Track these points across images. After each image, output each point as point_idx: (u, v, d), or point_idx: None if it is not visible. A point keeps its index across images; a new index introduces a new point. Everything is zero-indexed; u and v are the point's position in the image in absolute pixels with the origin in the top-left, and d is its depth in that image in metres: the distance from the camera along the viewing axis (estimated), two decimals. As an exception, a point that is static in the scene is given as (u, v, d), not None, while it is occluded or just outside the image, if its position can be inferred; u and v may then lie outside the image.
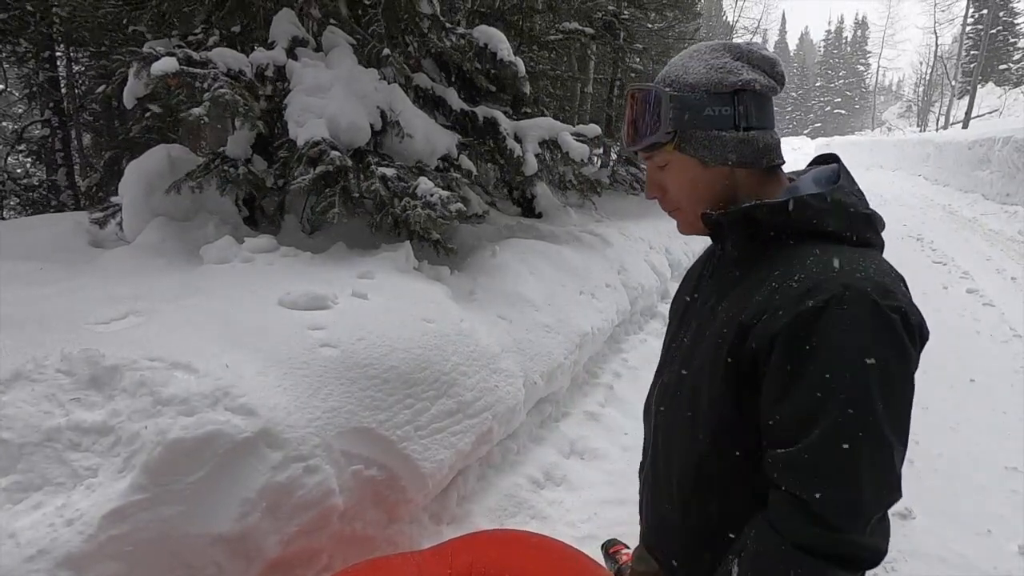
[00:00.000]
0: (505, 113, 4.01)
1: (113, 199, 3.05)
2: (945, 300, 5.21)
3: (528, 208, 5.39)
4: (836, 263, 0.75)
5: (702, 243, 1.05)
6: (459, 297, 2.86)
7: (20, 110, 10.92)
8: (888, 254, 0.85)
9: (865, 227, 0.82)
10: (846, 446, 0.69)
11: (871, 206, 0.86)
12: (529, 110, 4.71)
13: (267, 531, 1.64)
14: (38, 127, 7.72)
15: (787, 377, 0.73)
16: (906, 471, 0.84)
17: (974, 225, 8.49)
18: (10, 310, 2.00)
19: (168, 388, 1.59)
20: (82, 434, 1.48)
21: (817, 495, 0.69)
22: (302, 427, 1.77)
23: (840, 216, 0.81)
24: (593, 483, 2.62)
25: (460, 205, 2.98)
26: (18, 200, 7.86)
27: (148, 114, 3.65)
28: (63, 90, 7.42)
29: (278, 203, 3.51)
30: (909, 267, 6.31)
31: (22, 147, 8.10)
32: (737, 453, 0.81)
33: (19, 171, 9.46)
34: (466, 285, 3.08)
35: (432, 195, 2.76)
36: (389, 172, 2.88)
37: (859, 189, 0.86)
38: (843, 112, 47.38)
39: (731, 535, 0.82)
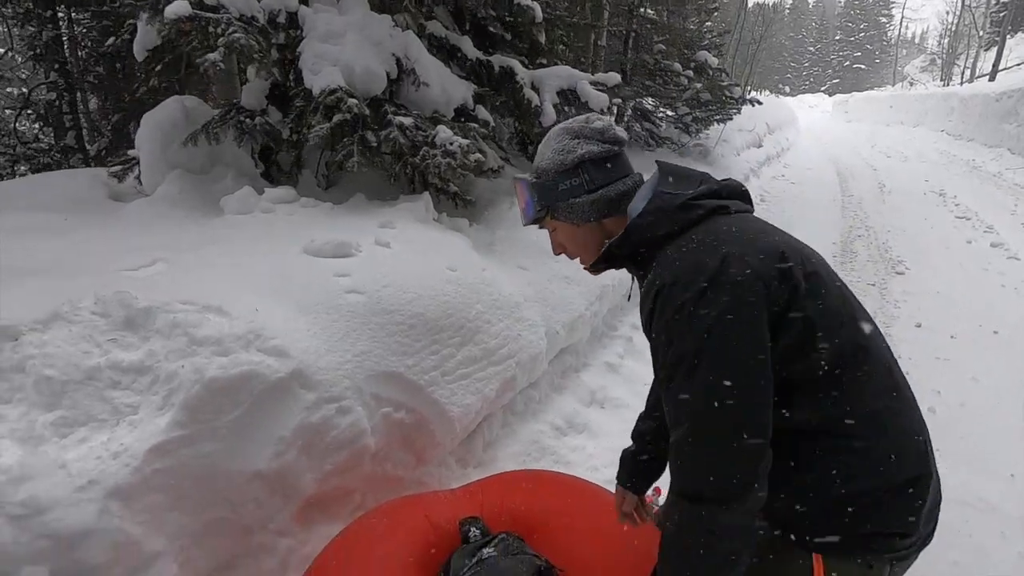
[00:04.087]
0: (521, 63, 3.89)
1: (130, 152, 3.03)
2: (969, 254, 5.12)
3: (543, 163, 5.30)
4: (659, 265, 0.96)
5: None
6: (479, 248, 2.84)
7: (25, 74, 10.79)
8: (911, 210, 0.85)
9: (686, 212, 0.98)
10: (673, 390, 0.91)
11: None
12: (544, 61, 4.57)
13: (303, 469, 1.68)
14: (44, 91, 7.63)
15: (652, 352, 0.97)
16: (928, 420, 0.99)
17: (999, 180, 8.27)
18: (39, 257, 2.02)
19: (202, 329, 1.61)
20: (121, 373, 1.50)
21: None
22: (333, 369, 1.79)
23: (662, 221, 0.99)
24: (614, 431, 2.65)
25: (479, 155, 2.92)
26: (28, 166, 7.84)
27: (158, 67, 3.57)
28: (67, 52, 7.31)
29: (294, 157, 3.47)
30: (932, 222, 6.21)
31: (30, 111, 8.02)
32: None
33: (27, 136, 9.40)
34: (485, 237, 3.06)
35: (452, 143, 2.71)
36: (407, 121, 2.82)
37: (681, 171, 1.07)
38: (863, 67, 45.73)
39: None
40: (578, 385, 2.93)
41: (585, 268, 1.15)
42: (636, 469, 1.34)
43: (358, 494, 1.87)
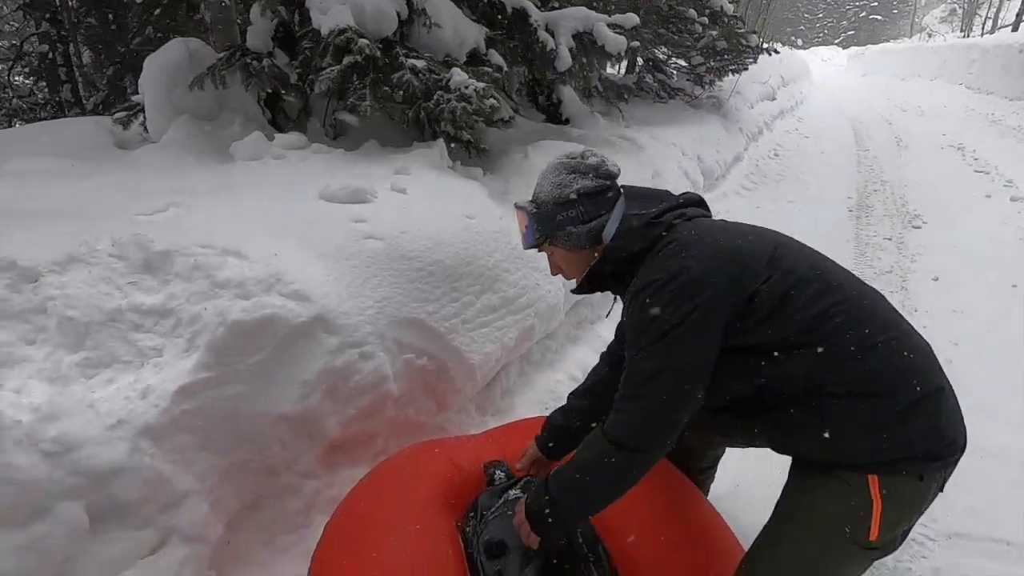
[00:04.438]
0: (533, 5, 3.71)
1: (134, 98, 2.94)
2: (988, 209, 5.02)
3: (554, 114, 5.16)
4: (635, 279, 1.13)
5: (732, 150, 1.41)
6: (495, 197, 2.77)
7: (15, 25, 10.42)
8: (928, 164, 0.88)
9: (652, 230, 1.15)
10: (632, 363, 1.11)
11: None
12: (556, 3, 4.38)
13: (327, 412, 1.68)
14: (36, 42, 7.36)
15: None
16: (945, 371, 1.10)
17: (1020, 134, 8.05)
18: (49, 202, 1.97)
19: (222, 272, 1.58)
20: (143, 316, 1.48)
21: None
22: (355, 315, 1.77)
23: (633, 240, 1.16)
24: (630, 381, 2.64)
25: (494, 101, 2.82)
26: (24, 120, 7.65)
27: (156, 12, 3.42)
28: (57, 0, 7.03)
29: (302, 105, 3.37)
30: (950, 177, 6.07)
31: (24, 64, 7.78)
32: None
33: (22, 90, 9.15)
34: (500, 186, 2.99)
35: (467, 87, 2.61)
36: (420, 64, 2.71)
37: (644, 192, 1.25)
38: (879, 18, 43.98)
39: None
40: (594, 337, 2.92)
41: (573, 291, 1.32)
42: (555, 439, 1.48)
43: (381, 438, 1.88)
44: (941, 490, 1.09)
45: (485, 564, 1.29)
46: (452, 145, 3.15)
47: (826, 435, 1.05)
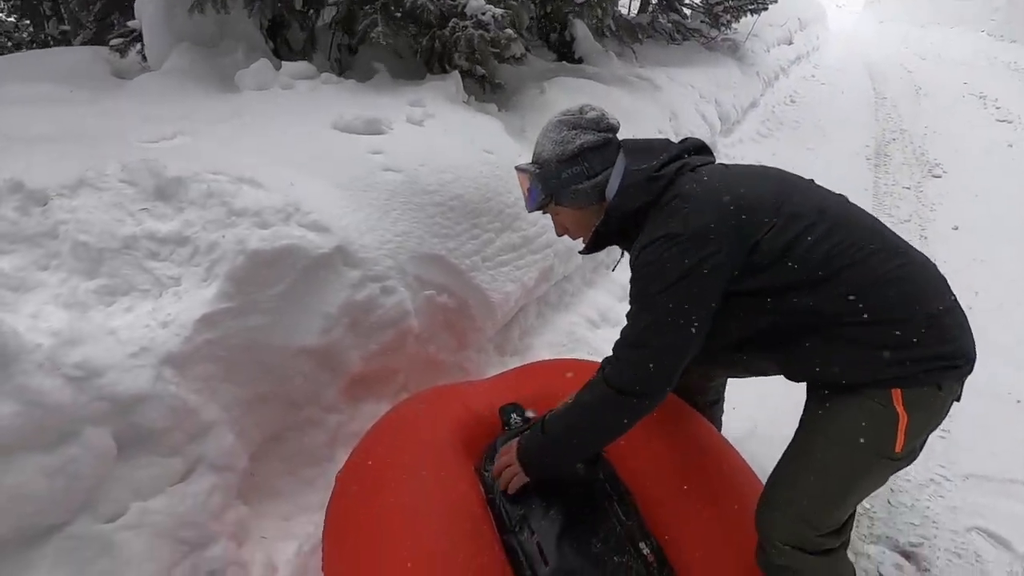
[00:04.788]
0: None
1: (130, 23, 2.77)
2: (1009, 157, 4.90)
3: (566, 53, 4.94)
4: (640, 235, 1.12)
5: (749, 95, 1.52)
6: (512, 133, 2.67)
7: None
8: (948, 113, 0.80)
9: (655, 183, 1.13)
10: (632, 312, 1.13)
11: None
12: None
13: (349, 346, 1.64)
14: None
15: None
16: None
17: (1043, 83, 7.79)
18: (50, 127, 1.87)
19: (238, 200, 1.51)
20: (159, 244, 1.42)
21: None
22: (375, 248, 1.71)
23: (636, 195, 1.14)
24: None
25: (511, 31, 2.67)
26: (11, 62, 7.29)
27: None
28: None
29: (307, 36, 3.19)
30: (970, 125, 5.90)
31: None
32: None
33: (7, 26, 8.71)
34: (516, 122, 2.87)
35: (484, 13, 2.46)
36: (433, -12, 2.55)
37: (644, 144, 1.20)
38: (900, -39, 41.98)
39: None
40: (609, 281, 2.87)
41: (581, 252, 1.32)
42: None
43: (402, 375, 1.85)
44: (957, 399, 1.12)
45: (508, 508, 1.27)
46: (465, 80, 3.00)
47: (844, 360, 1.07)
